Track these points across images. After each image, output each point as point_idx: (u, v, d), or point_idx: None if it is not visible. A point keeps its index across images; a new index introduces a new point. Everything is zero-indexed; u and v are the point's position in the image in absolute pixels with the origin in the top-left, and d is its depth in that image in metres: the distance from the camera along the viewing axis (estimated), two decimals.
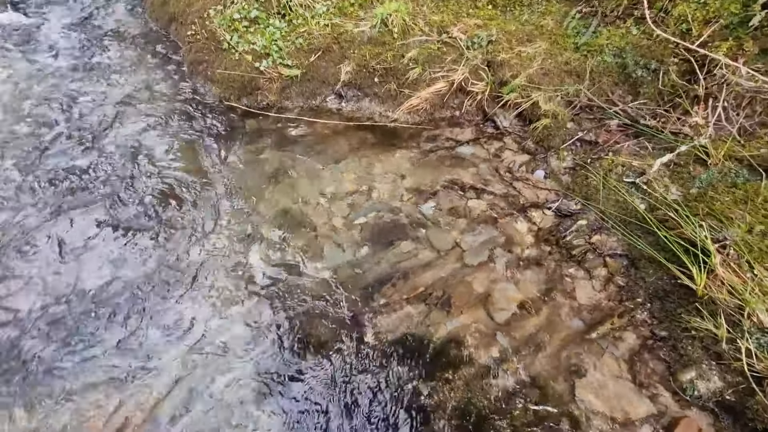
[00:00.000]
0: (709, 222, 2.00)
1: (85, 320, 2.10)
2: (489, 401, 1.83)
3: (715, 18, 2.56)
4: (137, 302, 2.18)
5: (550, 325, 2.12)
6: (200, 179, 2.83)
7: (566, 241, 2.44)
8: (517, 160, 3.00)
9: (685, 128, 2.48)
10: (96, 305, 2.16)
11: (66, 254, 2.37)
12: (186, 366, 1.96)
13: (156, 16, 4.19)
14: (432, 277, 2.36)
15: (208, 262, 2.38)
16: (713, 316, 1.81)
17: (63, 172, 2.79)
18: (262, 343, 2.06)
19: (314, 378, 1.94)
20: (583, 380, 1.88)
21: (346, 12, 3.28)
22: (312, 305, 2.21)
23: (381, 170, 2.97)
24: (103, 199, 2.65)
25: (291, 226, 2.59)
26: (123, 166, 2.87)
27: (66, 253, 2.38)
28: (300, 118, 3.28)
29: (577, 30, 3.09)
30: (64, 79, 3.52)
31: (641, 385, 1.85)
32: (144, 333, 2.07)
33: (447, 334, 2.09)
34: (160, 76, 3.63)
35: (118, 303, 2.17)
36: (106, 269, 2.31)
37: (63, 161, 2.87)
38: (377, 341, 2.06)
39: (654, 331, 1.99)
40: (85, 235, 2.47)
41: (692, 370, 1.80)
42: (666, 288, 2.05)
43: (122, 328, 2.08)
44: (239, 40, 3.19)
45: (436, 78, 3.17)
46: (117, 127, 3.15)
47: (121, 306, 2.16)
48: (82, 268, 2.31)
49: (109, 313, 2.13)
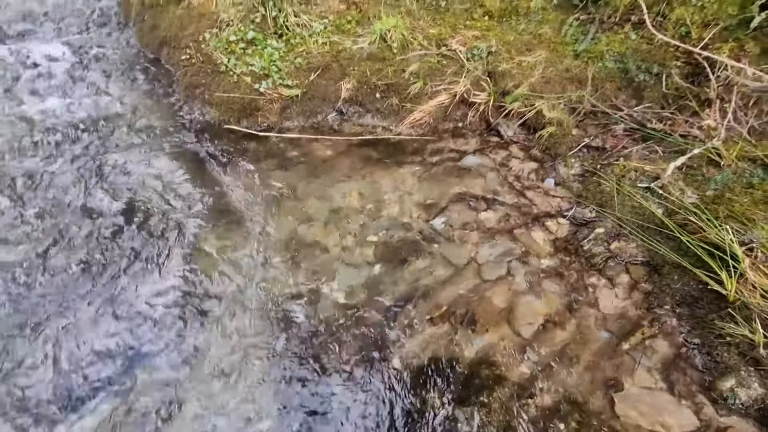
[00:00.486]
0: (731, 224, 1.98)
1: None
2: (529, 422, 1.76)
3: (713, 21, 2.60)
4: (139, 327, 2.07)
5: (579, 338, 2.07)
6: (203, 204, 2.74)
7: (585, 250, 2.41)
8: (525, 169, 2.98)
9: (693, 130, 2.48)
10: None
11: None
12: (199, 393, 1.85)
13: (146, 41, 4.12)
14: (452, 294, 2.30)
15: (213, 293, 2.28)
16: (748, 321, 1.78)
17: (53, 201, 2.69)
18: (278, 372, 1.96)
19: (340, 410, 1.85)
20: (621, 394, 1.83)
21: (343, 29, 3.26)
22: (330, 330, 2.13)
23: (387, 186, 2.92)
24: (102, 223, 2.55)
25: (299, 248, 2.52)
26: (119, 194, 2.77)
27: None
28: (302, 137, 3.23)
29: (576, 37, 3.11)
30: (50, 110, 3.41)
31: (680, 396, 1.80)
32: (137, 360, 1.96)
33: (475, 353, 2.02)
34: (154, 101, 3.54)
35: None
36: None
37: (57, 195, 2.76)
38: (404, 366, 1.99)
39: (686, 339, 1.95)
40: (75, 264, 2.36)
41: (731, 377, 1.76)
42: (693, 294, 2.03)
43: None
44: (237, 62, 3.14)
45: (438, 91, 3.16)
46: (111, 154, 3.05)
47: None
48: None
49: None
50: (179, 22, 3.63)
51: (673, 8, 2.76)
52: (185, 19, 3.59)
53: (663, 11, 2.80)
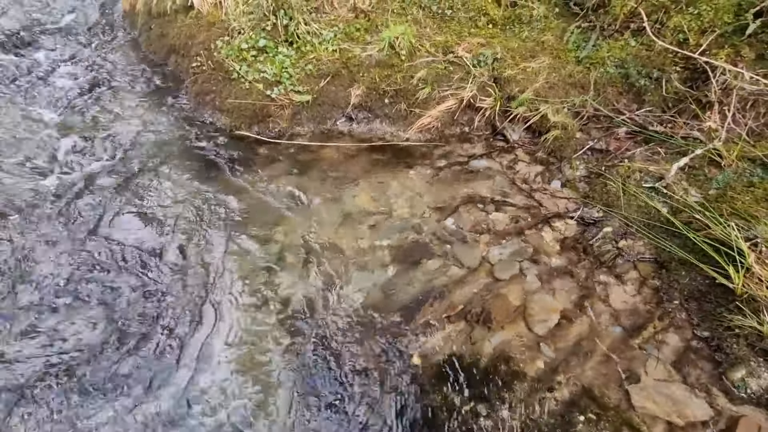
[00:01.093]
0: (735, 221, 2.07)
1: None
2: (548, 416, 1.81)
3: (710, 28, 2.71)
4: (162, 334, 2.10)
5: (592, 333, 2.13)
6: (215, 210, 2.78)
7: (594, 249, 2.49)
8: (531, 172, 3.06)
9: (694, 132, 2.58)
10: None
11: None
12: (217, 399, 1.88)
13: (154, 48, 4.17)
14: (467, 293, 2.35)
15: (231, 296, 2.31)
16: (756, 313, 1.86)
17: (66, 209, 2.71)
18: (299, 375, 2.00)
19: (360, 408, 1.89)
20: (637, 386, 1.89)
21: (353, 37, 3.34)
22: (349, 332, 2.17)
23: (397, 190, 2.98)
24: (123, 228, 2.58)
25: (312, 252, 2.56)
26: (130, 201, 2.80)
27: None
28: (312, 144, 3.28)
29: (578, 44, 3.21)
30: (61, 118, 3.44)
31: (693, 387, 1.87)
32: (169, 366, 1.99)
33: (493, 350, 2.07)
34: (163, 109, 3.58)
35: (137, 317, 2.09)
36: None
37: (65, 200, 2.79)
38: (425, 363, 2.03)
39: (696, 332, 2.02)
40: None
41: (741, 368, 1.83)
42: (701, 288, 2.10)
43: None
44: (248, 69, 3.20)
45: (445, 96, 3.24)
46: (124, 161, 3.09)
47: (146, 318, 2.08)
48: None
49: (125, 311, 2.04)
50: (188, 30, 3.69)
51: (671, 16, 2.87)
52: (194, 28, 3.65)
53: (661, 19, 2.91)
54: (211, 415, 1.86)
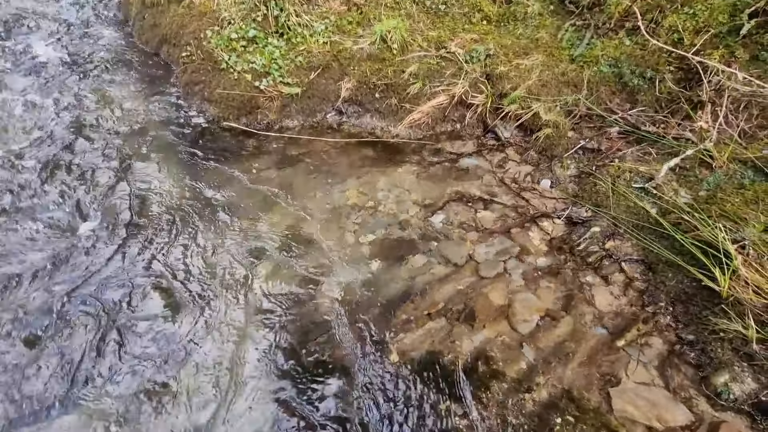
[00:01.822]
0: (723, 223, 2.02)
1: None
2: (525, 417, 1.77)
3: (705, 27, 2.67)
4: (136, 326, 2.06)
5: (576, 335, 2.08)
6: (201, 201, 2.73)
7: (580, 249, 2.44)
8: (521, 171, 3.01)
9: (686, 133, 2.54)
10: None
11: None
12: (198, 393, 1.84)
13: (146, 38, 4.13)
14: (450, 291, 2.31)
15: (213, 288, 2.27)
16: (741, 317, 1.82)
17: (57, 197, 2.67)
18: (278, 369, 1.95)
19: (339, 404, 1.85)
20: (617, 389, 1.84)
21: (344, 30, 3.29)
22: (329, 327, 2.13)
23: (386, 185, 2.94)
24: (103, 223, 2.53)
25: (298, 245, 2.52)
26: (117, 190, 2.76)
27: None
28: (301, 137, 3.24)
29: (572, 42, 3.17)
30: (51, 104, 3.40)
31: (675, 392, 1.82)
32: (146, 354, 1.95)
33: (473, 349, 2.03)
34: (153, 98, 3.54)
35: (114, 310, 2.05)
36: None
37: (56, 186, 2.74)
38: (403, 360, 1.99)
39: (681, 335, 1.98)
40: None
41: (725, 373, 1.79)
42: (687, 291, 2.06)
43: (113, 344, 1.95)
44: (238, 60, 3.15)
45: (437, 92, 3.20)
46: (111, 151, 3.04)
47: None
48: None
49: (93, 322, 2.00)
50: (180, 20, 3.64)
51: (666, 15, 2.83)
52: (186, 17, 3.61)
53: (656, 18, 2.87)
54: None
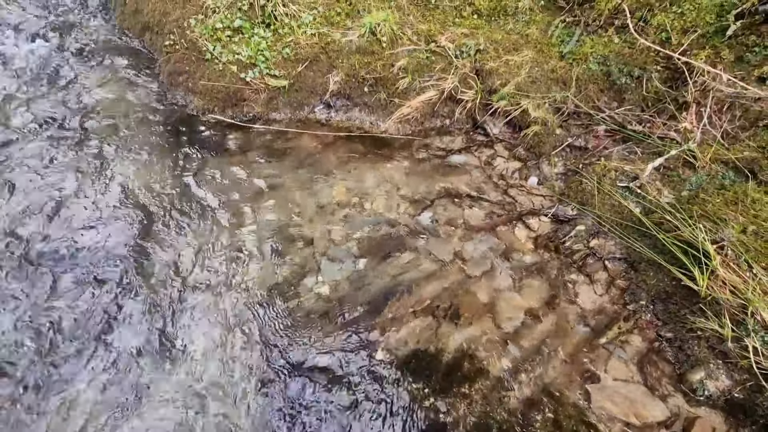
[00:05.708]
0: (704, 224, 2.06)
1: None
2: (508, 414, 1.80)
3: (692, 27, 2.68)
4: (120, 328, 2.03)
5: (559, 332, 2.12)
6: (184, 196, 2.69)
7: (566, 247, 2.47)
8: (509, 168, 3.02)
9: (671, 133, 2.57)
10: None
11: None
12: (185, 395, 1.83)
13: (128, 25, 4.00)
14: (436, 288, 2.32)
15: (198, 285, 2.25)
16: (717, 315, 1.86)
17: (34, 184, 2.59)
18: (262, 367, 1.95)
19: (324, 401, 1.85)
20: (597, 386, 1.88)
21: (333, 21, 3.23)
22: (312, 322, 2.12)
23: (374, 181, 2.92)
24: (86, 222, 2.48)
25: (283, 241, 2.50)
26: (97, 186, 2.69)
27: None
28: (288, 130, 3.19)
29: (562, 39, 3.16)
30: (30, 94, 3.29)
31: (653, 388, 1.87)
32: (135, 359, 1.92)
33: (458, 346, 2.05)
34: (135, 88, 3.45)
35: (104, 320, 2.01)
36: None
37: (30, 177, 2.66)
38: (389, 357, 2.00)
39: (660, 333, 2.02)
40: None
41: (701, 370, 1.84)
42: (668, 290, 2.10)
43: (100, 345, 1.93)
44: (223, 50, 3.08)
45: (426, 87, 3.17)
46: (90, 141, 2.96)
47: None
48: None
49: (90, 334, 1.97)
50: (163, 6, 3.53)
51: (655, 14, 2.84)
52: (169, 4, 3.50)
53: (645, 16, 2.87)
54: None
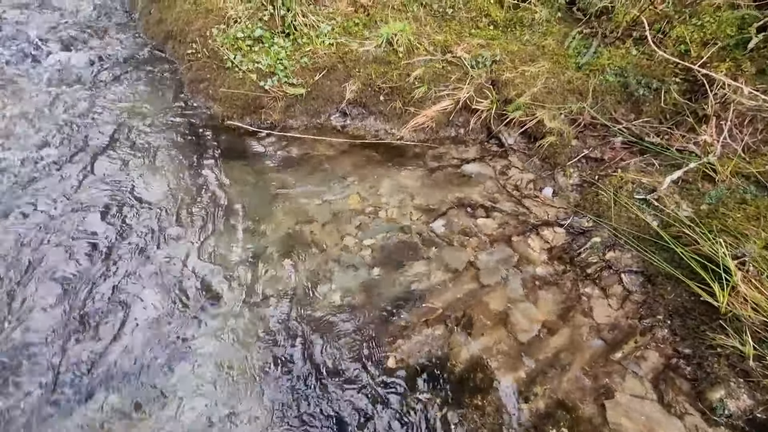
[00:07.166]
0: (724, 238, 2.03)
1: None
2: (521, 427, 1.78)
3: (712, 40, 2.66)
4: (145, 330, 2.07)
5: (573, 346, 2.09)
6: (202, 200, 2.74)
7: (580, 259, 2.45)
8: (524, 178, 3.02)
9: (690, 145, 2.54)
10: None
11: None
12: (200, 397, 1.85)
13: (151, 33, 4.12)
14: (450, 297, 2.32)
15: (213, 289, 2.28)
16: (738, 333, 1.82)
17: (59, 194, 2.67)
18: (275, 373, 1.97)
19: (335, 411, 1.86)
20: (612, 402, 1.85)
21: (350, 31, 3.29)
22: (327, 331, 2.14)
23: (388, 189, 2.94)
24: (103, 219, 2.54)
25: (298, 248, 2.52)
26: (118, 188, 2.77)
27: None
28: (304, 137, 3.24)
29: (578, 50, 3.16)
30: (54, 101, 3.40)
31: (669, 405, 1.83)
32: (151, 365, 1.96)
33: (470, 357, 2.04)
34: (158, 95, 3.54)
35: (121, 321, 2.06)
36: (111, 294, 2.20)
37: (57, 185, 2.75)
38: (400, 367, 2.00)
39: (677, 349, 1.98)
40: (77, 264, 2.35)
41: (720, 388, 1.79)
42: (686, 305, 2.06)
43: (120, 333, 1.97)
44: (243, 59, 3.15)
45: (442, 96, 3.19)
46: (113, 148, 3.05)
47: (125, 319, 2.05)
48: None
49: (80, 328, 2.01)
50: (186, 16, 3.64)
51: (674, 26, 2.82)
52: (192, 13, 3.60)
53: (664, 28, 2.86)
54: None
